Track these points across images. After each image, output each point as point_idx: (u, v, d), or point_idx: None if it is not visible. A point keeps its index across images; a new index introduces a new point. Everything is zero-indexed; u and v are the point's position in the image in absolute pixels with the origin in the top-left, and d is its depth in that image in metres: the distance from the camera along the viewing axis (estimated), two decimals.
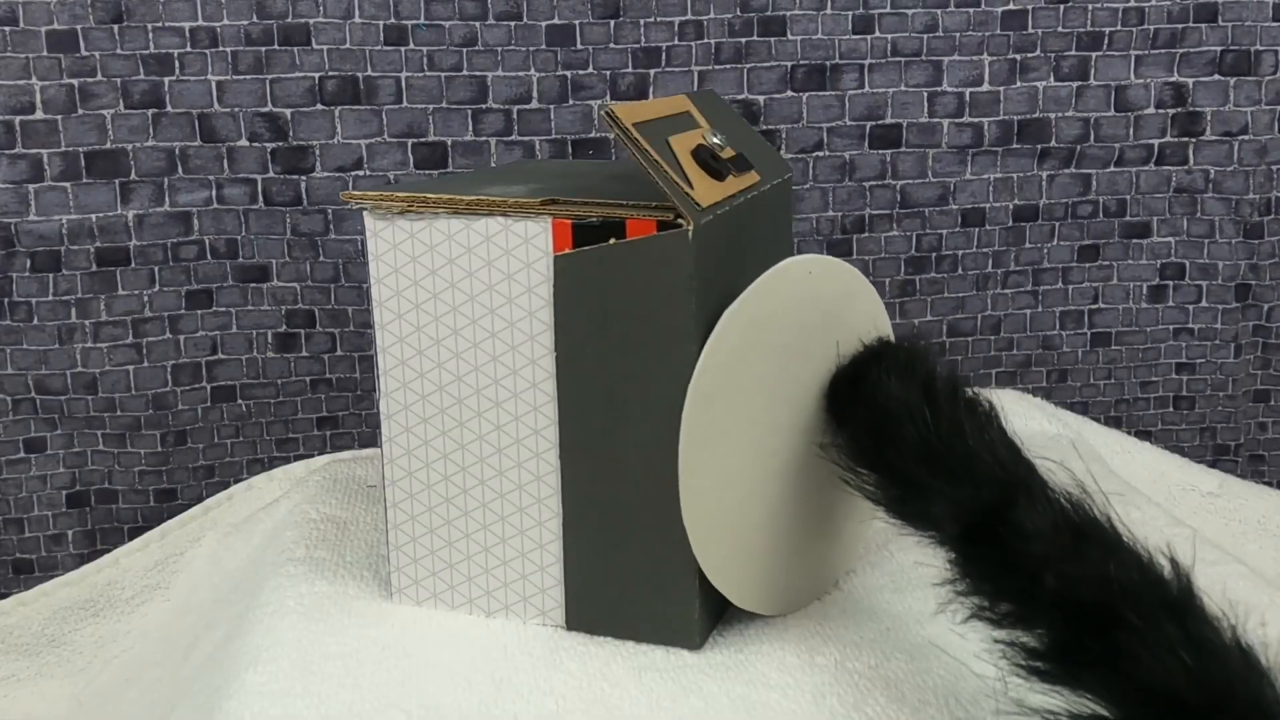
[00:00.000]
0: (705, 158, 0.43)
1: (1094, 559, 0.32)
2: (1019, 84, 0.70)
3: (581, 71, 0.67)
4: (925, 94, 0.70)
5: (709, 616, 0.43)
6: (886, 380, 0.39)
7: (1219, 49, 0.71)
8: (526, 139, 0.67)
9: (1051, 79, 0.70)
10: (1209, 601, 0.31)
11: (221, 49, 0.64)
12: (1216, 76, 0.71)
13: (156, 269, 0.66)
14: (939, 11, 0.69)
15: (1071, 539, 0.33)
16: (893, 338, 0.42)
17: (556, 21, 0.66)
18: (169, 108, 0.64)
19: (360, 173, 0.66)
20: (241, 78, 0.64)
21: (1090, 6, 0.70)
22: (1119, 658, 0.30)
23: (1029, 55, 0.70)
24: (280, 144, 0.65)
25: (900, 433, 0.37)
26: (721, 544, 0.43)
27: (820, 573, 0.48)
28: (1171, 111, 0.71)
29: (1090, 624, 0.31)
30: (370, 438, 0.71)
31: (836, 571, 0.49)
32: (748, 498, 0.46)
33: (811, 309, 0.45)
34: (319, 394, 0.70)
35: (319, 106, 0.65)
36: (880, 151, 0.70)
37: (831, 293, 0.46)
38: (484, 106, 0.67)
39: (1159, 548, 0.33)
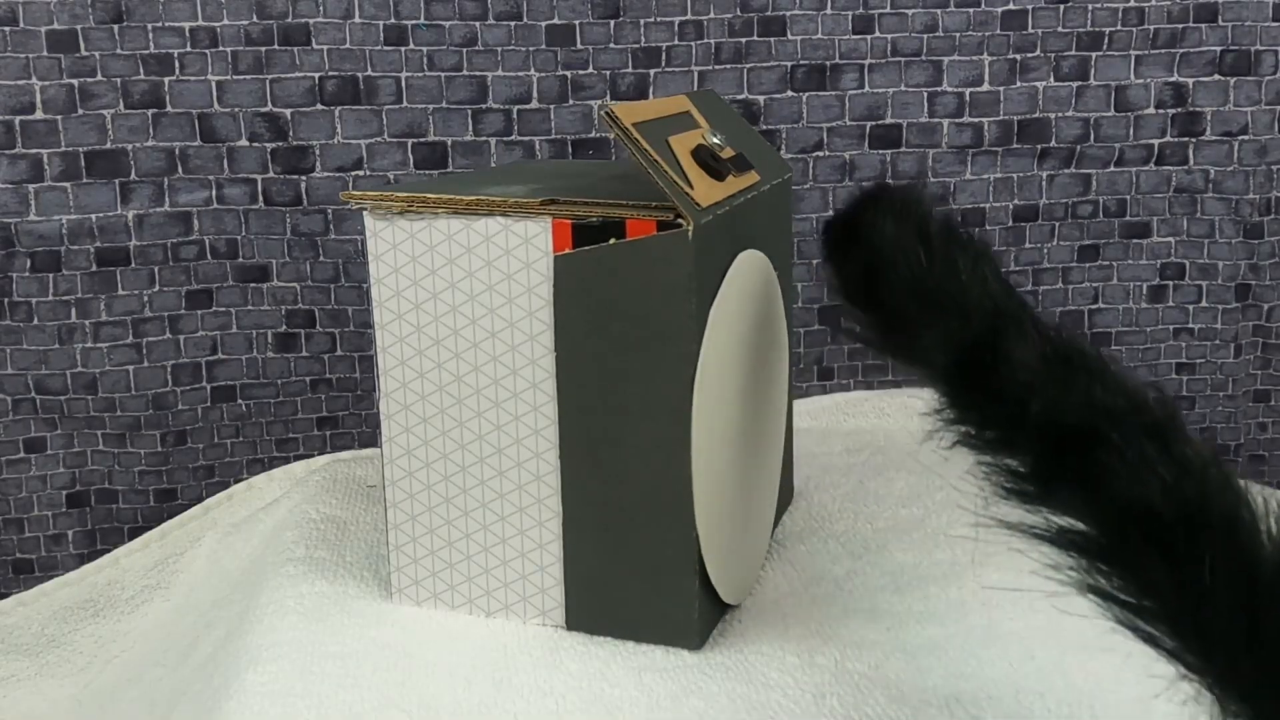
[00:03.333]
0: (705, 158, 0.43)
1: (1079, 385, 0.33)
2: (1019, 84, 0.70)
3: (581, 71, 0.67)
4: (925, 94, 0.70)
5: (709, 616, 0.43)
6: (882, 221, 0.40)
7: (1219, 49, 0.71)
8: (526, 139, 0.67)
9: (1051, 79, 0.70)
10: (1190, 428, 0.32)
11: (221, 49, 0.64)
12: (1216, 76, 0.71)
13: (156, 269, 0.66)
14: (939, 11, 0.69)
15: (1058, 368, 0.33)
16: (885, 186, 0.44)
17: (556, 21, 0.66)
18: (169, 108, 0.64)
19: (360, 173, 0.66)
20: (241, 78, 0.64)
21: (1090, 6, 0.70)
22: (1098, 475, 0.31)
23: (1029, 55, 0.70)
24: (280, 144, 0.65)
25: (894, 271, 0.38)
26: (723, 544, 0.43)
27: (760, 550, 0.48)
28: (1171, 111, 0.71)
29: (1072, 445, 0.32)
30: (370, 438, 0.71)
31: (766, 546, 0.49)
32: (736, 494, 0.46)
33: (756, 298, 0.45)
34: (319, 394, 0.70)
35: (319, 106, 0.65)
36: (880, 151, 0.70)
37: (762, 279, 0.46)
38: (484, 106, 0.67)
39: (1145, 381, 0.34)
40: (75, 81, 0.63)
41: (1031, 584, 0.47)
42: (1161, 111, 0.71)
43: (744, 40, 0.68)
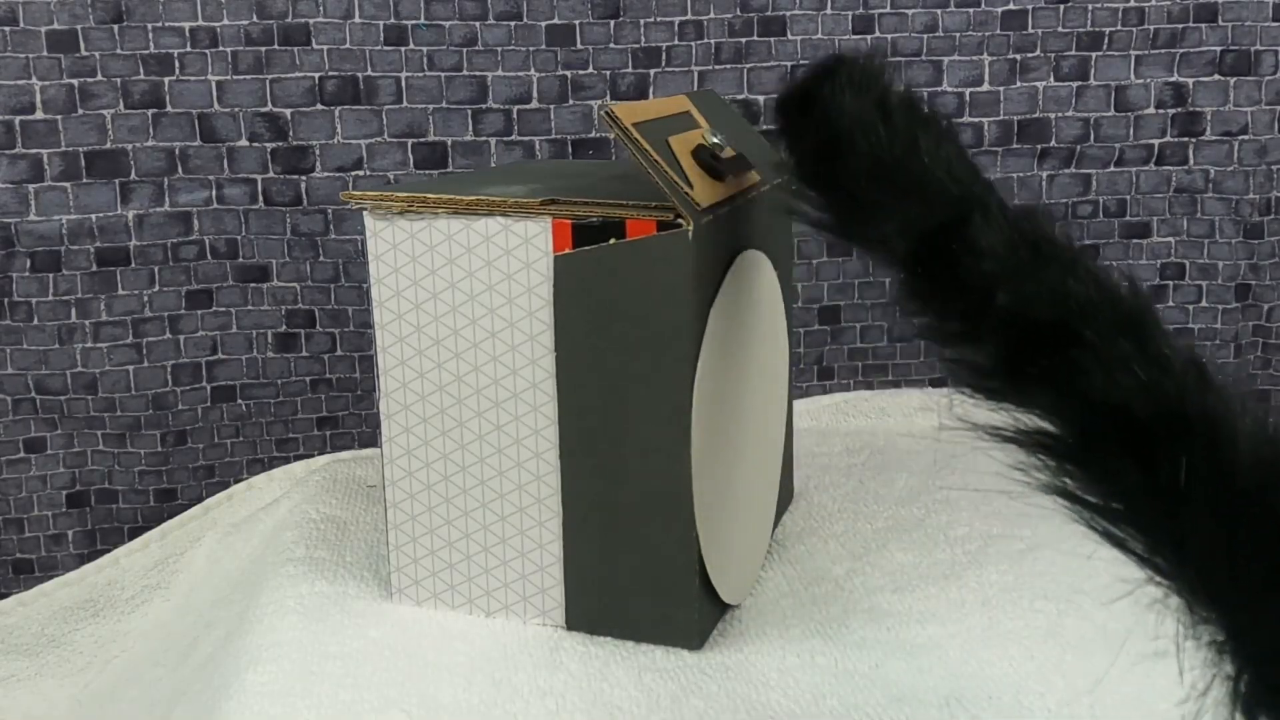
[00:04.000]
0: (705, 158, 0.43)
1: (1050, 276, 0.31)
2: (1019, 84, 0.70)
3: (581, 71, 0.67)
4: (925, 94, 0.70)
5: (709, 616, 0.43)
6: (839, 96, 0.37)
7: (1219, 49, 0.71)
8: (526, 139, 0.67)
9: (1051, 79, 0.70)
10: (1165, 321, 0.30)
11: (221, 49, 0.64)
12: (1216, 76, 0.71)
13: (156, 269, 0.66)
14: (939, 11, 0.69)
15: (1028, 256, 0.32)
16: (843, 57, 0.39)
17: (556, 21, 0.66)
18: (169, 108, 0.64)
19: (360, 173, 0.66)
20: (241, 78, 0.64)
21: (1090, 6, 0.70)
22: (1072, 373, 0.29)
23: (1029, 55, 0.70)
24: (280, 144, 0.65)
25: (852, 149, 0.35)
26: (723, 544, 0.43)
27: (760, 550, 0.48)
28: (1171, 111, 0.71)
29: (1044, 340, 0.30)
30: (370, 438, 0.71)
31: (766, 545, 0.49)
32: (736, 494, 0.46)
33: (756, 298, 0.45)
34: (319, 394, 0.70)
35: (319, 106, 0.65)
36: None
37: (762, 279, 0.46)
38: (484, 106, 0.67)
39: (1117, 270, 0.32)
40: (75, 81, 0.63)
41: (1031, 584, 0.47)
42: (1161, 111, 0.71)
43: (744, 40, 0.68)
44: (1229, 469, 0.26)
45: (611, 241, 0.40)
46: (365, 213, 0.43)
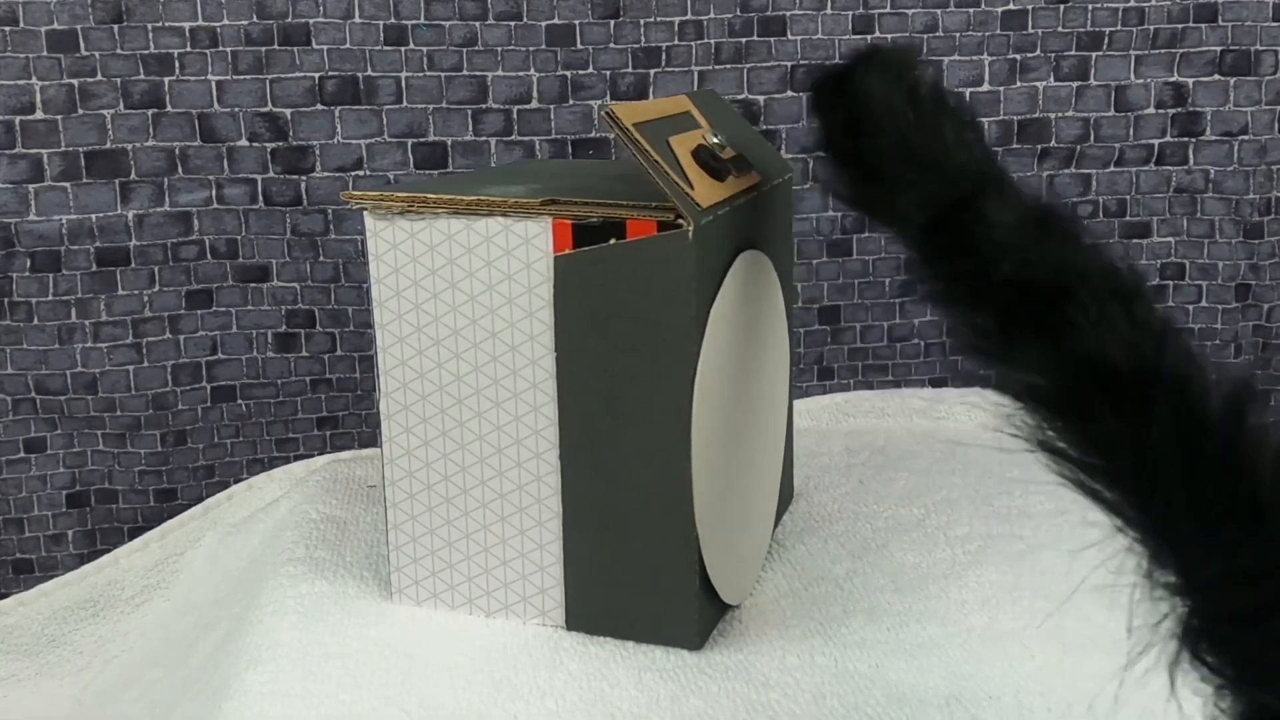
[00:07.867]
0: (706, 158, 0.43)
1: (1052, 247, 0.34)
2: (1019, 84, 0.70)
3: (581, 71, 0.67)
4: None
5: (709, 616, 0.43)
6: (870, 79, 0.40)
7: (1219, 49, 0.71)
8: (526, 139, 0.67)
9: (1051, 79, 0.70)
10: (1156, 299, 0.33)
11: (221, 49, 0.64)
12: (1216, 76, 0.71)
13: (156, 269, 0.66)
14: (939, 11, 0.69)
15: (1035, 231, 0.34)
16: (879, 46, 0.44)
17: (556, 21, 0.66)
18: (169, 108, 0.64)
19: (360, 173, 0.66)
20: (241, 78, 0.64)
21: (1090, 6, 0.70)
22: (1063, 327, 0.32)
23: (1029, 55, 0.70)
24: (280, 144, 0.65)
25: (878, 128, 0.39)
26: (723, 544, 0.43)
27: (760, 550, 0.48)
28: (1171, 111, 0.71)
29: (1040, 300, 0.33)
30: (370, 438, 0.71)
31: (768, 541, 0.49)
32: (737, 494, 0.46)
33: (756, 298, 0.45)
34: (319, 394, 0.70)
35: (319, 106, 0.65)
36: None
37: (762, 279, 0.46)
38: (484, 106, 0.67)
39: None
40: (75, 81, 0.63)
41: (1031, 584, 0.47)
42: (1161, 111, 0.71)
43: (744, 40, 0.68)
44: (1199, 424, 0.29)
45: (612, 242, 0.40)
46: (365, 213, 0.43)
